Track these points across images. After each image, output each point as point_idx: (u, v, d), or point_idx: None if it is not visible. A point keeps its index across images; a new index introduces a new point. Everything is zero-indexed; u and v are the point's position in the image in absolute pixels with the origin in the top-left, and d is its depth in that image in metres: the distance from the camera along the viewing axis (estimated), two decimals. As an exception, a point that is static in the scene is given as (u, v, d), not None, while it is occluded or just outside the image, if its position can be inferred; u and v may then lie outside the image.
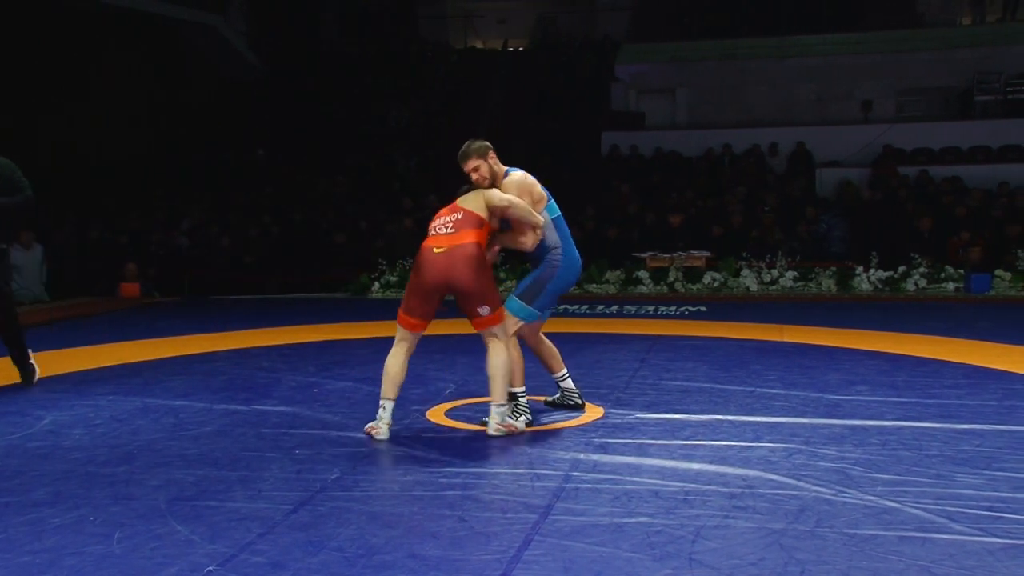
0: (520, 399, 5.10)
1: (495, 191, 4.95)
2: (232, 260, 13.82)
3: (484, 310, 4.79)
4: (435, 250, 4.77)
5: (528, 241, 5.01)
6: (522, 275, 5.43)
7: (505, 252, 5.39)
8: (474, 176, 4.99)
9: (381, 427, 4.84)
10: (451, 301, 4.98)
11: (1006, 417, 5.06)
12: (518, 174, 5.07)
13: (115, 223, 14.81)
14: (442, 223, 4.87)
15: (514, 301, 5.07)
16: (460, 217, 4.86)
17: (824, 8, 18.12)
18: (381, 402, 4.90)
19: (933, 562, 3.07)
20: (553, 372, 5.45)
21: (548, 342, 5.41)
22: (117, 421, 5.27)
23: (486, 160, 4.99)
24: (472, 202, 4.93)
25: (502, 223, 5.05)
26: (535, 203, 5.01)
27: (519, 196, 4.94)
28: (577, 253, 5.26)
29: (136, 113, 18.84)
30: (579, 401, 5.45)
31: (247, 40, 20.17)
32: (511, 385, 5.00)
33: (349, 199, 15.98)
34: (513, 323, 5.04)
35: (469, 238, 4.77)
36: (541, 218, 5.01)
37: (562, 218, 5.19)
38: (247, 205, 15.79)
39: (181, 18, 17.93)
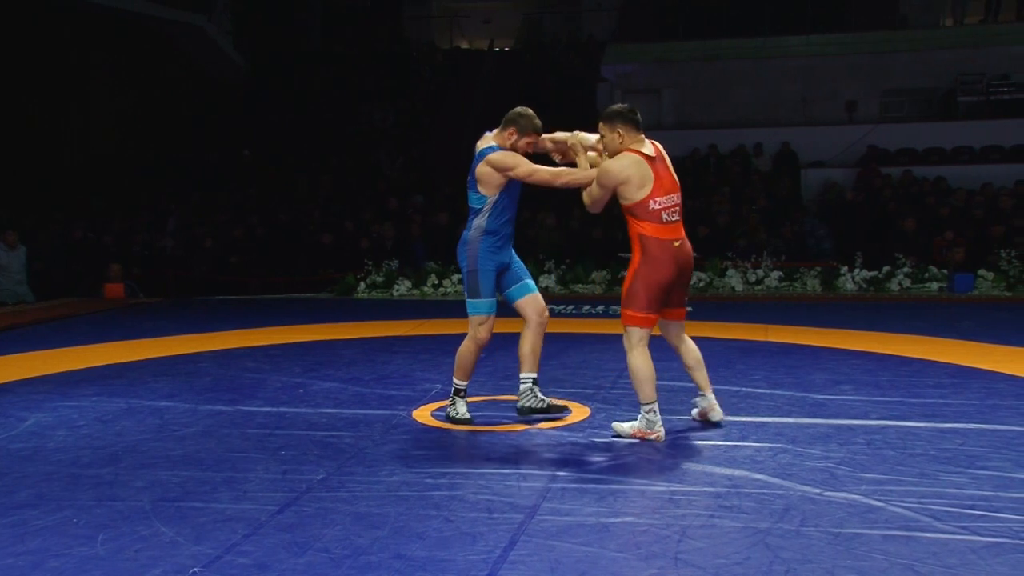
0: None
1: None
2: (217, 261, 13.76)
3: (685, 299, 4.96)
4: (675, 242, 4.66)
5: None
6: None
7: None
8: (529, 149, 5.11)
9: (659, 430, 4.68)
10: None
11: (989, 416, 5.10)
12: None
13: (100, 224, 14.73)
14: (672, 210, 4.67)
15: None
16: (679, 200, 4.75)
17: (808, 9, 18.17)
18: (651, 406, 4.70)
19: (917, 560, 3.09)
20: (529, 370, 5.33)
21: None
22: (101, 422, 5.24)
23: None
24: (673, 168, 4.81)
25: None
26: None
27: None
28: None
29: (121, 114, 18.75)
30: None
31: (232, 40, 20.10)
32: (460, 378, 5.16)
33: (334, 199, 15.95)
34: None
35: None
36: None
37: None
38: (232, 206, 15.73)
39: (166, 18, 17.85)
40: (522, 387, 5.14)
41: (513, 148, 5.06)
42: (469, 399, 5.49)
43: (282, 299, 12.35)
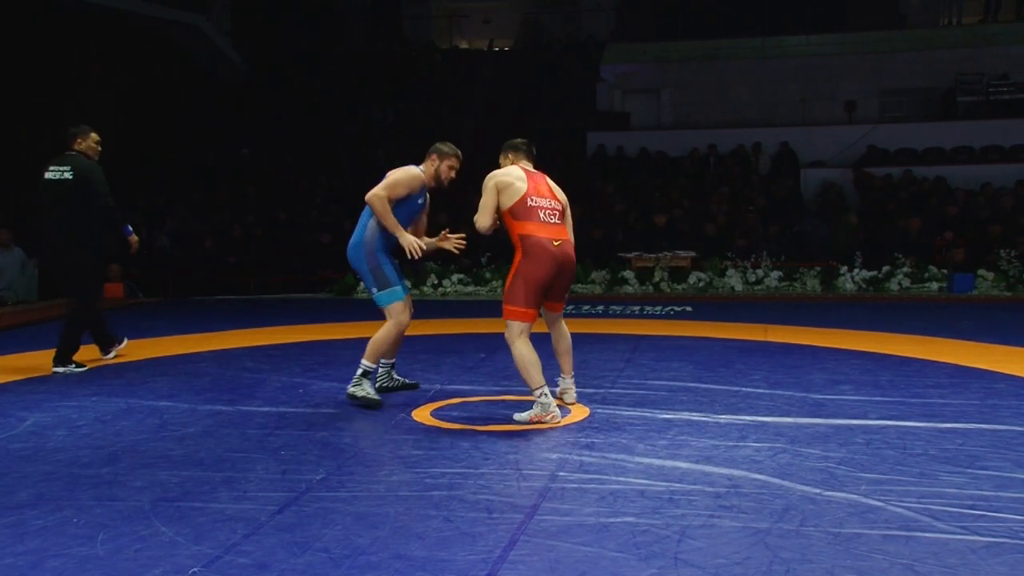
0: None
1: None
2: (216, 260, 13.76)
3: (566, 295, 5.32)
4: (555, 243, 5.07)
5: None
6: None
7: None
8: (453, 176, 5.69)
9: (554, 411, 5.07)
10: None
11: (988, 416, 5.10)
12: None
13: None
14: (548, 211, 5.12)
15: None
16: (562, 210, 5.24)
17: (807, 9, 18.19)
18: (540, 390, 5.04)
19: (917, 560, 3.09)
20: (390, 357, 5.92)
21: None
22: (101, 422, 5.24)
23: None
24: (560, 194, 5.29)
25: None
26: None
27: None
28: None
29: (120, 113, 18.74)
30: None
31: (231, 40, 20.10)
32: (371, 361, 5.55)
33: (333, 199, 15.94)
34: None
35: (570, 232, 5.23)
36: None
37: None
38: (231, 205, 15.73)
39: (165, 18, 17.84)
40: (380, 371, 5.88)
41: (436, 172, 5.70)
42: (472, 399, 5.52)
43: (281, 299, 12.35)
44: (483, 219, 5.18)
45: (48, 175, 6.89)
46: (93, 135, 7.19)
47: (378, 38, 22.75)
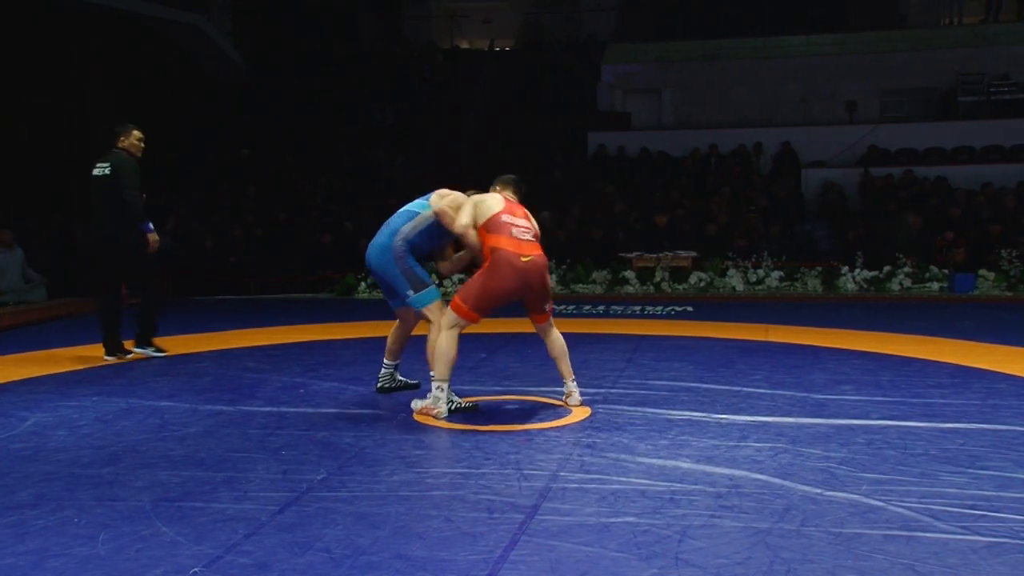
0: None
1: None
2: (216, 260, 13.76)
3: (547, 306, 5.35)
4: (523, 258, 5.13)
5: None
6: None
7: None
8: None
9: (441, 407, 5.19)
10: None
11: (990, 416, 5.10)
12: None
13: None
14: (522, 229, 5.24)
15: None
16: (536, 231, 5.37)
17: (808, 9, 18.18)
18: (441, 384, 5.18)
19: (918, 560, 3.09)
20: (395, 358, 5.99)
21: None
22: (101, 422, 5.24)
23: None
24: (535, 222, 5.45)
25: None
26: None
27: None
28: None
29: (120, 113, 18.71)
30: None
31: (232, 40, 20.09)
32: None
33: (334, 199, 15.94)
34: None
35: (542, 249, 5.33)
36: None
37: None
38: (231, 205, 15.73)
39: (165, 18, 17.84)
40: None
41: None
42: (473, 399, 5.53)
43: (282, 299, 12.35)
44: (463, 218, 5.26)
45: (94, 172, 7.29)
46: (135, 133, 7.52)
47: (379, 38, 22.73)
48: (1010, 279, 11.41)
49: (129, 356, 7.47)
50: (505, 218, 5.22)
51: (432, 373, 5.23)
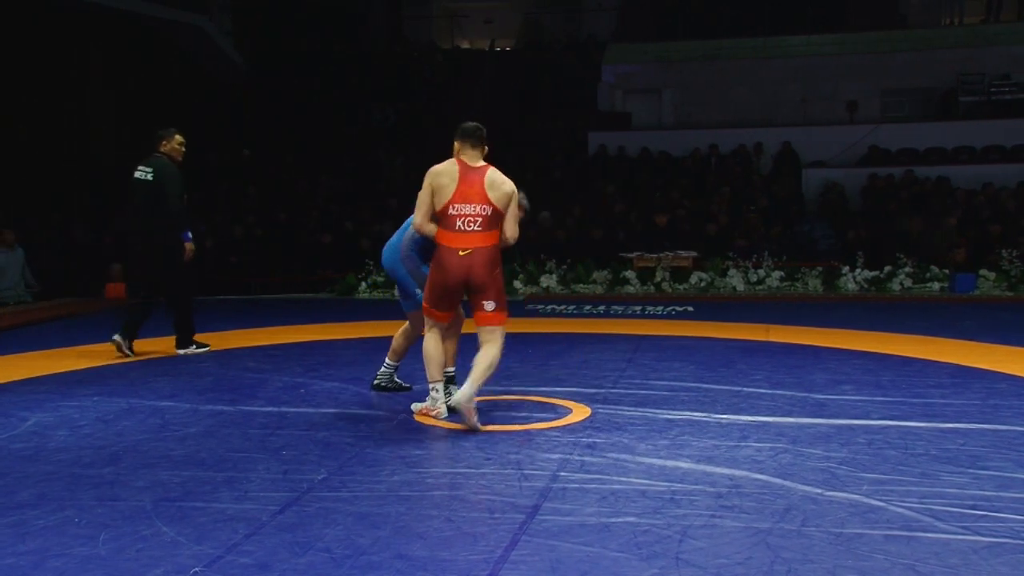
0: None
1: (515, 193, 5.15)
2: (217, 260, 13.76)
3: (487, 306, 5.01)
4: (460, 252, 4.94)
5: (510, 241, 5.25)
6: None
7: None
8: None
9: (440, 407, 5.19)
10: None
11: (990, 416, 5.10)
12: None
13: (100, 224, 14.72)
14: (469, 218, 4.95)
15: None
16: (489, 214, 4.98)
17: (808, 9, 18.18)
18: (434, 385, 5.20)
19: (918, 560, 3.08)
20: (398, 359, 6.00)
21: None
22: (102, 422, 5.24)
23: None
24: (498, 192, 5.02)
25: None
26: None
27: None
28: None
29: (120, 113, 18.73)
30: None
31: (232, 40, 20.09)
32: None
33: (334, 199, 15.94)
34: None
35: (493, 239, 4.99)
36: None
37: None
38: (231, 205, 15.72)
39: (166, 18, 17.84)
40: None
41: None
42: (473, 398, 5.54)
43: (282, 299, 12.35)
44: (418, 216, 5.17)
45: (136, 175, 7.42)
46: (177, 137, 7.65)
47: (380, 38, 22.72)
48: (1010, 279, 11.42)
49: (132, 356, 7.49)
50: (452, 210, 4.96)
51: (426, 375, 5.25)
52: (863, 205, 14.73)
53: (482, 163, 5.12)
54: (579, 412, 5.31)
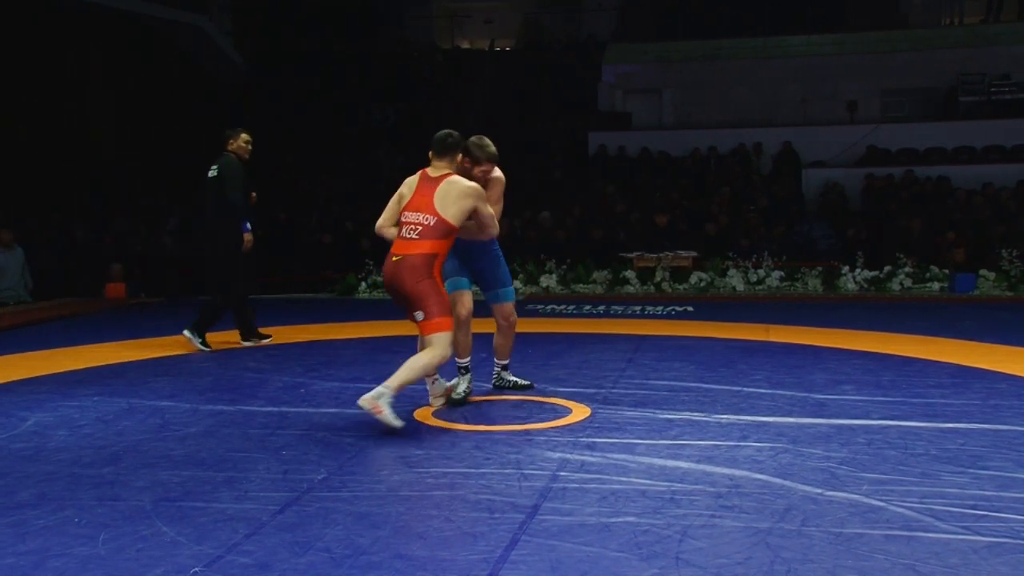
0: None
1: (487, 205, 5.16)
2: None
3: (417, 316, 4.92)
4: (393, 258, 4.95)
5: (484, 237, 5.36)
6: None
7: None
8: (481, 178, 5.28)
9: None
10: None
11: (990, 416, 5.09)
12: (501, 175, 5.47)
13: (100, 224, 14.73)
14: (411, 226, 4.97)
15: (511, 289, 5.58)
16: (432, 224, 4.93)
17: (808, 9, 18.17)
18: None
19: (918, 560, 3.08)
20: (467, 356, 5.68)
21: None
22: (102, 422, 5.24)
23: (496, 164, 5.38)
24: (453, 206, 4.97)
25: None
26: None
27: (500, 197, 5.38)
28: None
29: (120, 113, 18.74)
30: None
31: (232, 40, 20.09)
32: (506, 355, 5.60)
33: (334, 199, 15.94)
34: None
35: (425, 248, 4.90)
36: (498, 229, 5.38)
37: None
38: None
39: (165, 18, 17.84)
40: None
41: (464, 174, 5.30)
42: (473, 398, 5.55)
43: (282, 299, 12.34)
44: (379, 219, 5.23)
45: (208, 174, 7.75)
46: (243, 136, 7.90)
47: (379, 38, 22.72)
48: (1010, 279, 11.41)
49: (266, 341, 8.02)
50: (403, 217, 5.04)
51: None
52: (863, 205, 14.73)
53: (445, 172, 5.12)
54: (579, 412, 5.31)
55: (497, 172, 5.43)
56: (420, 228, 4.95)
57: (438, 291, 4.94)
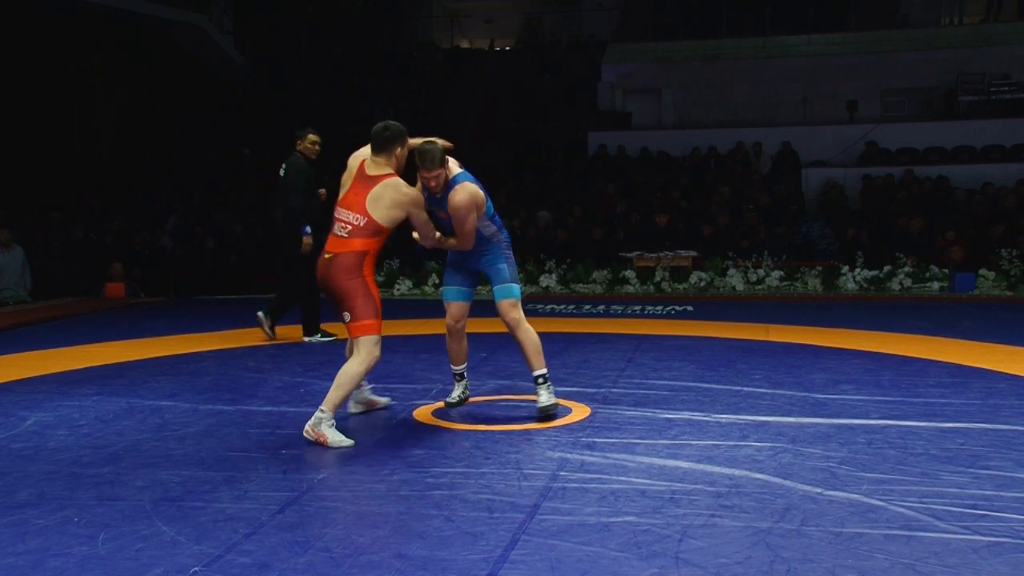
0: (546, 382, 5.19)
1: (423, 211, 4.96)
2: (217, 260, 13.75)
3: (345, 316, 4.80)
4: (325, 255, 4.87)
5: (426, 243, 5.15)
6: None
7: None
8: (432, 184, 4.99)
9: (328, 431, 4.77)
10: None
11: (990, 415, 5.09)
12: (470, 189, 5.00)
13: (100, 223, 14.73)
14: (342, 224, 4.84)
15: (514, 286, 5.21)
16: (362, 224, 4.80)
17: (809, 9, 18.17)
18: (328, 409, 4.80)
19: (918, 560, 3.08)
20: (459, 364, 5.48)
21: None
22: (102, 422, 5.24)
23: (445, 167, 5.02)
24: (383, 211, 4.80)
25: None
26: (478, 210, 5.04)
27: (470, 212, 4.97)
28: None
29: (121, 113, 18.75)
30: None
31: (232, 40, 20.10)
32: (534, 365, 5.14)
33: (334, 199, 15.92)
34: (517, 303, 5.20)
35: (356, 246, 4.80)
36: (435, 235, 5.12)
37: (495, 211, 5.33)
38: (232, 205, 15.72)
39: (166, 18, 17.85)
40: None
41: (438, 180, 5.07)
42: (473, 398, 5.54)
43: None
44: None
45: (280, 173, 8.03)
46: (311, 136, 8.12)
47: (379, 38, 22.72)
48: (1010, 279, 11.41)
49: (331, 339, 7.90)
50: (336, 212, 4.93)
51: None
52: (863, 205, 14.73)
53: (384, 172, 4.92)
54: (579, 412, 5.31)
55: (460, 195, 4.97)
56: (350, 227, 4.83)
57: (367, 292, 4.79)
